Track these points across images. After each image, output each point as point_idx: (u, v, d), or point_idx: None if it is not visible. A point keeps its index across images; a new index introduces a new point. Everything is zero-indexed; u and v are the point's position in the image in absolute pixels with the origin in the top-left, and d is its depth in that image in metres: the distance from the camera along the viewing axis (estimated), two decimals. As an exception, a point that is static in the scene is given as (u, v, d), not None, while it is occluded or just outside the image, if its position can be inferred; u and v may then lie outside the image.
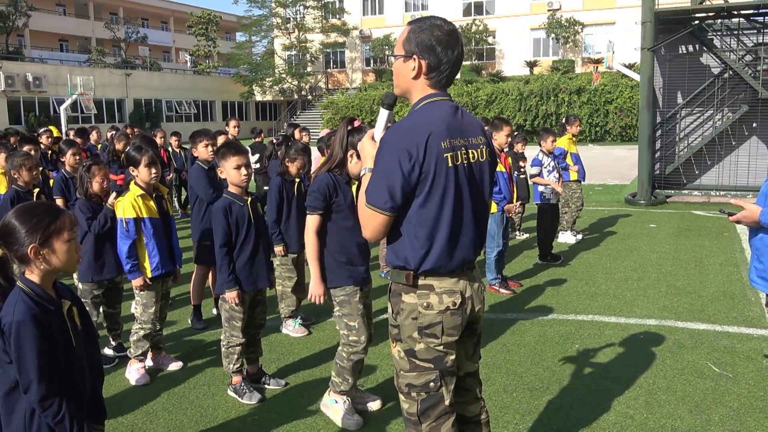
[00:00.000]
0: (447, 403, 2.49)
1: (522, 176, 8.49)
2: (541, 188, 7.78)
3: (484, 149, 2.50)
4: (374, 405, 4.02)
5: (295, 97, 45.71)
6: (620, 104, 30.66)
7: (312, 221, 3.68)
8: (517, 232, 9.34)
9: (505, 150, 6.50)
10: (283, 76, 44.86)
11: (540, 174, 7.76)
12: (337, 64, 47.21)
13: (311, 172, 9.52)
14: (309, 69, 45.27)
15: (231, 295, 4.11)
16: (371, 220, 2.40)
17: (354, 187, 3.77)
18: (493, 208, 6.38)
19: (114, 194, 4.60)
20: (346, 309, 3.72)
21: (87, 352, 2.43)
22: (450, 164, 2.35)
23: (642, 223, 10.18)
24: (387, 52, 41.49)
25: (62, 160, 7.08)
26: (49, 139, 10.23)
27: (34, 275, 2.30)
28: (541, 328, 5.46)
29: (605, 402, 4.06)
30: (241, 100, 47.75)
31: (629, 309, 5.92)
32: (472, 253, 2.51)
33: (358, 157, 3.61)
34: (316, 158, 9.25)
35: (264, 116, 49.94)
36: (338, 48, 46.02)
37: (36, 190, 5.46)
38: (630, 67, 24.84)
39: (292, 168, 5.52)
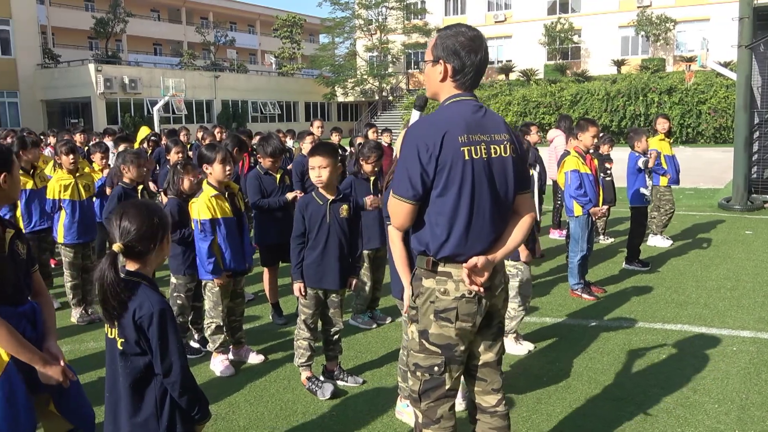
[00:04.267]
0: (447, 387, 2.64)
1: (608, 178, 8.24)
2: (642, 190, 7.53)
3: (507, 145, 2.59)
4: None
5: (376, 97, 46.08)
6: (714, 104, 29.17)
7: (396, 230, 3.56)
8: (602, 236, 9.06)
9: (591, 152, 6.32)
10: (365, 77, 45.30)
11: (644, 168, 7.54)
12: (418, 64, 47.24)
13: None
14: (390, 70, 45.51)
15: (295, 287, 4.24)
16: (397, 209, 2.59)
17: None
18: (578, 210, 6.23)
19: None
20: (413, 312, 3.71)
21: None
22: (467, 157, 2.49)
23: (737, 230, 9.66)
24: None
25: (167, 157, 7.47)
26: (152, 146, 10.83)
27: (147, 269, 2.44)
28: (625, 337, 5.27)
29: (693, 416, 3.88)
30: (323, 101, 48.55)
31: (721, 319, 5.63)
32: (490, 244, 2.59)
33: None
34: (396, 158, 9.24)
35: (345, 117, 50.61)
36: (420, 48, 45.97)
37: (140, 188, 5.70)
38: (725, 65, 23.61)
39: (367, 167, 5.53)
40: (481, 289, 2.54)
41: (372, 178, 5.59)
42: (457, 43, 2.55)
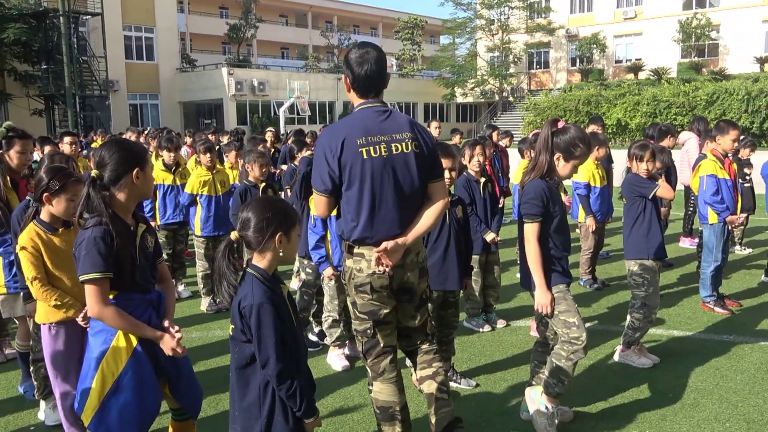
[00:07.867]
0: (382, 345, 3.21)
1: (747, 185, 7.66)
2: None
3: (409, 142, 3.06)
4: (567, 417, 3.89)
5: (496, 98, 45.46)
6: None
7: (533, 229, 3.57)
8: (738, 247, 8.43)
9: (730, 155, 5.88)
10: (485, 77, 44.80)
11: None
12: (541, 64, 46.10)
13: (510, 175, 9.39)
14: (512, 70, 44.72)
15: None
16: (316, 200, 3.16)
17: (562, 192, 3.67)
18: (714, 218, 5.81)
19: None
20: (562, 306, 3.61)
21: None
22: (365, 156, 2.99)
23: None
24: (594, 52, 39.82)
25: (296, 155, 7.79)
26: (272, 139, 11.32)
27: (263, 262, 2.53)
28: (762, 354, 4.87)
29: (844, 447, 3.52)
30: (442, 102, 48.53)
31: None
32: (396, 228, 3.05)
33: (565, 159, 3.56)
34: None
35: (464, 118, 50.30)
36: (542, 48, 44.90)
37: (263, 185, 5.94)
38: None
39: (471, 166, 5.40)
40: (388, 269, 3.00)
41: (483, 179, 5.47)
42: (349, 59, 3.11)
